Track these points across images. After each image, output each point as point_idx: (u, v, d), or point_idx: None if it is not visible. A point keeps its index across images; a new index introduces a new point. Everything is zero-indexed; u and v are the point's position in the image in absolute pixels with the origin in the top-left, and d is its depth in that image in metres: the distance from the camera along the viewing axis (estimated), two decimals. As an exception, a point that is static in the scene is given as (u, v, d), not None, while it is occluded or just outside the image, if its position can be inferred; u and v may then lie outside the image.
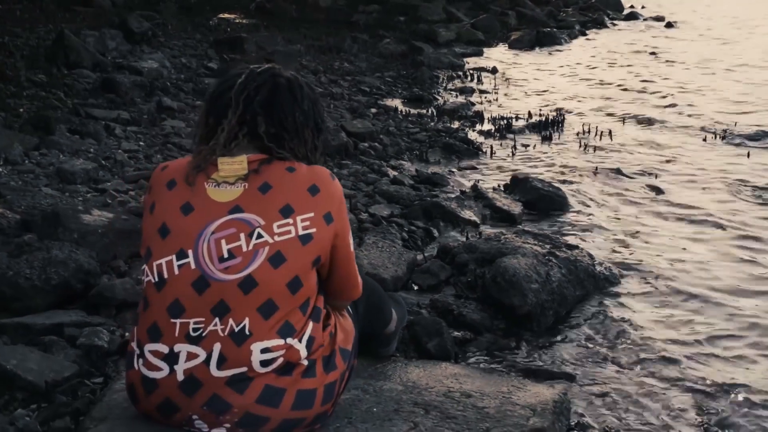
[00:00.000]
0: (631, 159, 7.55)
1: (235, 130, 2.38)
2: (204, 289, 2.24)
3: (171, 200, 2.34)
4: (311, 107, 2.49)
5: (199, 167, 2.36)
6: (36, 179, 5.46)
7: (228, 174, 2.32)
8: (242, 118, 2.38)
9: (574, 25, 17.83)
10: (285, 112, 2.41)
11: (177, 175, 2.39)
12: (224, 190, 2.31)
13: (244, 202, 2.29)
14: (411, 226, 5.42)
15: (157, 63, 9.84)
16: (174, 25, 13.51)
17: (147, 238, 2.37)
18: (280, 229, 2.27)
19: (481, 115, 9.29)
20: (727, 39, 15.45)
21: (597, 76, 12.04)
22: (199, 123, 2.52)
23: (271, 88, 2.42)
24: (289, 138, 2.43)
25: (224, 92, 2.44)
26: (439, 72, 12.18)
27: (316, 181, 2.35)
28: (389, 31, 15.47)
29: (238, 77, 2.44)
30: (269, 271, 2.24)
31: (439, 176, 6.75)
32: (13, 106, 7.45)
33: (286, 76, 2.48)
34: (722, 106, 9.81)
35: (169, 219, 2.31)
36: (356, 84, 10.62)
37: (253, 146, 2.39)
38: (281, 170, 2.34)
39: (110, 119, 7.31)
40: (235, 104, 2.38)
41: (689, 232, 5.64)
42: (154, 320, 2.29)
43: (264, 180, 2.31)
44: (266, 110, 2.39)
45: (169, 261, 2.28)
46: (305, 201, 2.31)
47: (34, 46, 10.26)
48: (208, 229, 2.28)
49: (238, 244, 2.25)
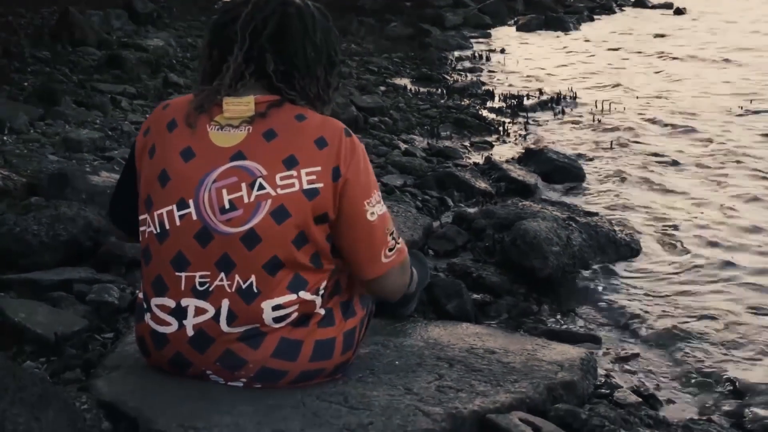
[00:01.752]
0: (646, 133, 7.44)
1: (242, 68, 2.19)
2: (207, 241, 2.11)
3: (171, 144, 2.18)
4: (323, 39, 2.28)
5: (202, 107, 2.19)
6: (41, 147, 5.35)
7: (233, 115, 2.16)
8: (249, 54, 2.18)
9: (583, 11, 17.71)
10: (296, 47, 2.22)
11: (178, 116, 2.22)
12: (227, 133, 2.16)
13: (247, 148, 2.13)
14: (425, 196, 5.31)
15: (162, 42, 9.74)
16: (179, 7, 13.39)
17: (146, 185, 2.21)
18: (282, 182, 2.11)
19: (492, 93, 9.17)
20: (738, 24, 15.30)
21: (607, 58, 11.92)
22: (203, 56, 2.34)
23: (279, 20, 2.21)
24: (299, 76, 2.23)
25: (229, 23, 2.23)
26: (447, 53, 12.06)
27: (325, 134, 2.17)
28: (396, 15, 15.37)
29: (244, 5, 2.24)
30: (272, 226, 2.10)
31: (452, 149, 6.63)
32: (17, 80, 7.35)
33: (296, 3, 2.26)
34: (736, 84, 9.67)
35: (169, 165, 2.17)
36: (364, 64, 10.50)
37: (261, 85, 2.21)
38: (290, 117, 2.17)
39: (116, 93, 7.21)
40: (241, 39, 2.19)
41: (709, 202, 5.52)
42: (159, 273, 2.17)
43: (270, 126, 2.15)
44: (275, 46, 2.20)
45: (170, 211, 2.15)
46: (311, 153, 2.14)
47: (38, 25, 10.16)
48: (209, 177, 2.13)
49: (240, 194, 2.11)
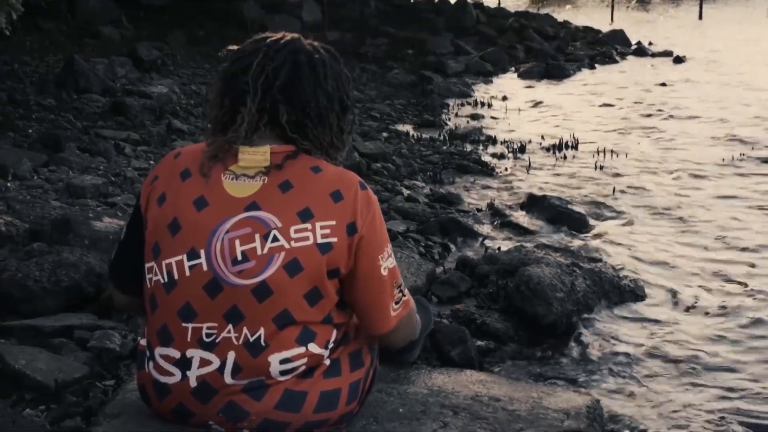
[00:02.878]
0: (649, 179, 7.43)
1: (256, 119, 2.17)
2: (217, 293, 2.08)
3: (184, 193, 2.15)
4: (335, 85, 2.25)
5: (216, 157, 2.17)
6: (45, 194, 5.37)
7: (249, 164, 2.13)
8: (262, 105, 2.16)
9: (583, 59, 17.82)
10: (307, 97, 2.19)
11: (192, 165, 2.19)
12: (242, 183, 2.13)
13: (262, 199, 2.11)
14: (428, 241, 5.30)
15: (166, 88, 9.81)
16: (182, 54, 13.50)
17: (154, 233, 2.17)
18: (297, 234, 2.08)
19: (494, 138, 9.21)
20: (738, 73, 15.40)
21: (608, 104, 11.97)
22: (213, 103, 2.30)
23: (291, 69, 2.19)
24: (312, 126, 2.21)
25: (240, 72, 2.21)
26: (449, 100, 12.13)
27: (341, 188, 2.14)
28: (398, 62, 15.49)
29: (255, 55, 2.21)
30: (284, 279, 2.07)
31: (454, 195, 6.64)
32: (22, 127, 7.40)
33: (306, 50, 2.25)
34: (738, 131, 9.70)
35: (181, 214, 2.13)
36: (366, 110, 10.56)
37: (275, 134, 2.19)
38: (305, 168, 2.15)
39: (120, 139, 7.25)
40: (253, 91, 2.16)
41: (712, 248, 5.51)
42: (164, 323, 2.14)
43: (286, 177, 2.13)
44: (287, 96, 2.18)
45: (180, 261, 2.11)
46: (326, 207, 2.12)
47: (44, 73, 10.25)
48: (222, 227, 2.10)
49: (253, 245, 2.08)
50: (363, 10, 19.84)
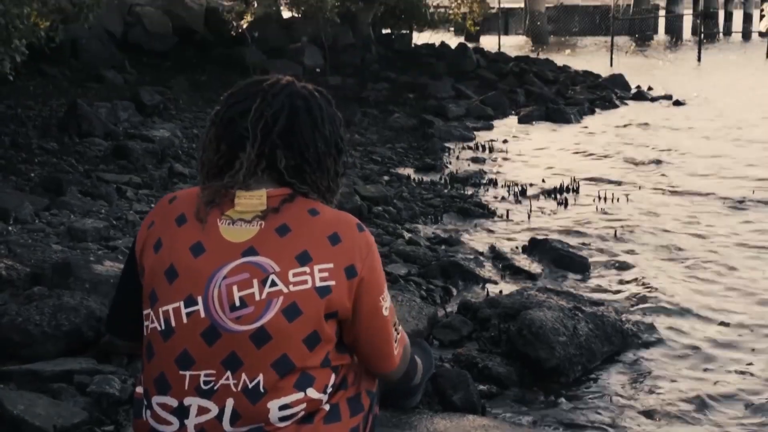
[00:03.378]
0: (650, 223, 7.43)
1: (254, 164, 2.16)
2: (214, 340, 2.05)
3: (180, 239, 2.13)
4: (332, 129, 2.25)
5: (212, 202, 2.16)
6: (46, 237, 5.37)
7: (245, 209, 2.12)
8: (261, 150, 2.15)
9: (583, 103, 17.88)
10: (306, 142, 2.19)
11: (187, 210, 2.18)
12: (239, 228, 2.11)
13: (259, 244, 2.09)
14: (429, 285, 5.29)
15: (168, 132, 9.85)
16: (185, 99, 13.59)
17: (151, 280, 2.15)
18: (295, 278, 2.06)
19: (495, 182, 9.22)
20: (738, 117, 15.48)
21: (609, 148, 12.01)
22: (208, 147, 2.27)
23: (289, 114, 2.18)
24: (310, 171, 2.20)
25: (237, 117, 2.20)
26: (450, 143, 12.16)
27: (339, 230, 2.12)
28: (399, 106, 15.55)
29: (253, 100, 2.20)
30: (283, 323, 2.04)
31: (456, 238, 6.63)
32: (24, 171, 7.42)
33: (303, 94, 2.24)
34: (738, 174, 9.73)
35: (177, 260, 2.11)
36: (368, 154, 10.60)
37: (272, 178, 2.17)
38: (303, 212, 2.14)
39: (122, 183, 7.27)
40: (253, 136, 2.14)
41: (715, 293, 5.50)
42: (162, 371, 2.11)
43: (283, 221, 2.11)
44: (286, 142, 2.16)
45: (177, 308, 2.08)
46: (324, 250, 2.09)
47: (47, 117, 10.30)
48: (219, 273, 2.08)
49: (251, 291, 2.05)
50: (364, 55, 19.98)
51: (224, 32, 19.53)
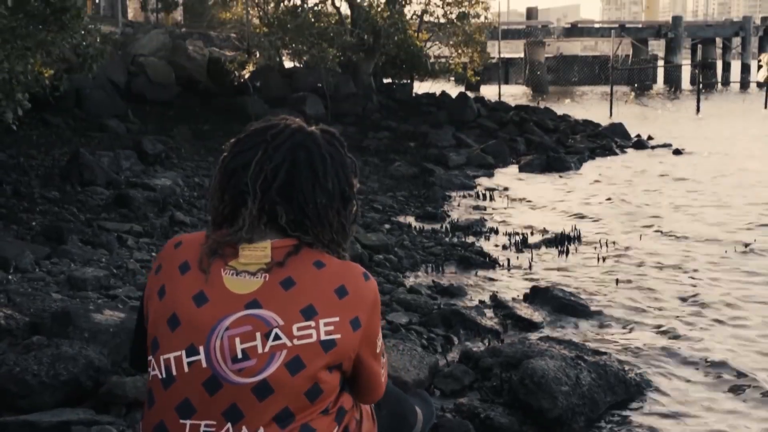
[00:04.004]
0: (652, 271, 7.40)
1: (256, 219, 2.14)
2: (216, 390, 2.03)
3: (183, 287, 2.12)
4: (336, 180, 2.20)
5: (216, 252, 2.15)
6: (46, 286, 5.35)
7: (250, 261, 2.10)
8: (261, 206, 2.14)
9: (584, 151, 17.95)
10: (305, 197, 2.15)
11: (191, 257, 2.16)
12: (243, 279, 2.09)
13: (263, 297, 2.07)
14: (430, 334, 5.26)
15: (170, 181, 9.88)
16: (187, 148, 13.66)
17: (154, 327, 2.14)
18: (300, 332, 2.04)
19: (496, 230, 9.22)
20: (737, 166, 15.54)
21: (609, 197, 12.02)
22: (213, 195, 2.28)
23: (289, 169, 2.15)
24: (311, 225, 2.16)
25: (239, 170, 2.18)
26: (451, 192, 12.19)
27: (346, 282, 2.11)
28: (400, 155, 15.63)
29: (255, 152, 2.18)
30: (286, 377, 2.02)
31: (457, 287, 6.61)
32: (25, 219, 7.43)
33: (306, 144, 2.20)
34: (740, 222, 9.72)
35: (180, 309, 2.09)
36: (369, 202, 10.61)
37: (276, 230, 2.16)
38: (308, 264, 2.11)
39: (123, 231, 7.27)
40: (253, 193, 2.13)
41: (719, 343, 5.45)
42: (161, 419, 2.08)
43: (288, 274, 2.09)
44: (285, 197, 2.14)
45: (178, 357, 2.07)
46: (331, 303, 2.07)
47: (49, 166, 10.34)
48: (222, 324, 2.06)
49: (254, 344, 2.03)
50: (365, 104, 20.12)
51: (226, 82, 19.72)
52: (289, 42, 19.94)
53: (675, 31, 51.39)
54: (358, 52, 20.74)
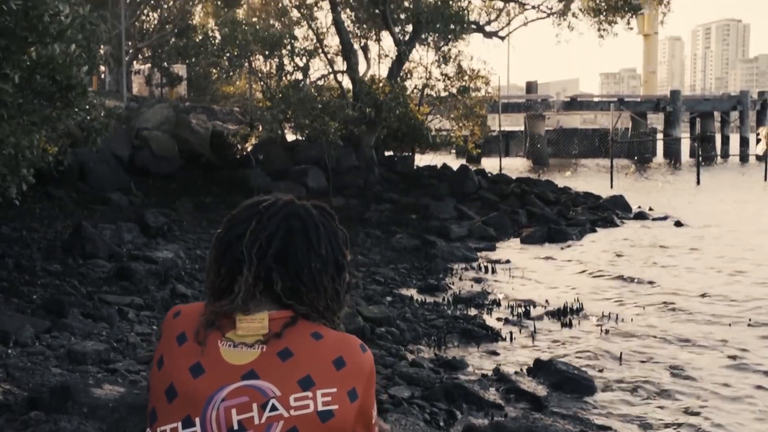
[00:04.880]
0: (655, 344, 7.36)
1: (252, 288, 2.20)
2: None
3: (180, 358, 2.13)
4: (329, 248, 2.22)
5: (213, 324, 2.18)
6: (46, 360, 5.32)
7: (247, 332, 2.12)
8: (257, 273, 2.20)
9: (585, 223, 18.00)
10: (300, 263, 2.14)
11: (189, 328, 2.17)
12: (240, 351, 2.10)
13: (261, 368, 2.05)
14: (433, 408, 5.20)
15: (172, 253, 9.88)
16: (189, 220, 13.70)
17: (153, 398, 2.14)
18: (297, 403, 2.02)
19: (498, 302, 9.19)
20: (740, 238, 15.57)
21: (610, 269, 12.02)
22: (209, 270, 2.32)
23: (284, 236, 2.15)
24: (306, 291, 2.20)
25: (234, 240, 2.26)
26: (452, 264, 12.18)
27: (344, 353, 2.09)
28: (402, 227, 15.66)
29: (248, 223, 2.23)
30: None
31: (459, 360, 6.56)
32: (26, 293, 7.42)
33: (299, 214, 2.19)
34: (742, 296, 9.69)
35: (177, 380, 2.10)
36: (371, 275, 10.60)
37: (272, 300, 2.21)
38: (305, 335, 2.13)
39: (124, 304, 7.25)
40: (248, 260, 2.15)
41: (723, 412, 5.39)
42: None
43: (285, 345, 2.09)
44: (280, 264, 2.18)
45: (175, 428, 2.05)
46: (329, 374, 2.05)
47: (52, 239, 10.36)
48: (218, 394, 2.06)
49: (250, 415, 2.02)
50: (367, 177, 20.26)
51: (229, 155, 19.88)
52: (291, 115, 20.15)
53: (673, 104, 51.93)
54: (360, 126, 20.95)
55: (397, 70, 22.16)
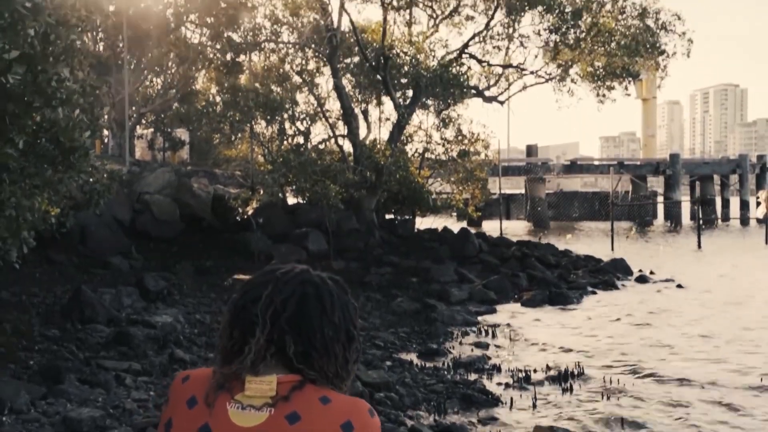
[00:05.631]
0: (658, 410, 7.28)
1: (263, 350, 2.21)
2: None
3: (189, 421, 2.14)
4: (342, 317, 2.29)
5: (222, 387, 2.19)
6: (41, 428, 5.27)
7: (255, 394, 2.13)
8: (269, 336, 2.22)
9: (585, 286, 17.99)
10: (313, 329, 2.19)
11: (198, 392, 2.20)
12: (248, 413, 2.11)
13: (269, 430, 2.12)
14: (432, 476, 5.12)
15: (171, 318, 9.85)
16: (189, 284, 13.68)
17: None
18: None
19: (498, 367, 9.12)
20: (742, 303, 15.52)
21: (612, 332, 11.97)
22: (222, 334, 2.33)
23: (299, 301, 2.19)
24: (317, 356, 2.23)
25: (249, 304, 2.30)
26: (453, 328, 12.12)
27: (352, 418, 2.10)
28: (402, 290, 15.63)
29: (265, 287, 2.31)
30: None
31: (459, 426, 6.49)
32: (23, 358, 7.37)
33: (314, 281, 2.27)
34: (745, 362, 9.62)
35: None
36: (370, 339, 10.54)
37: (282, 364, 2.22)
38: (314, 399, 2.15)
39: (121, 370, 7.20)
40: (262, 323, 2.19)
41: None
42: None
43: (293, 409, 2.10)
44: (294, 328, 2.22)
45: None
46: None
47: (51, 303, 10.34)
48: None
49: None
50: (368, 240, 20.28)
51: (230, 218, 19.94)
52: (292, 179, 20.28)
53: (673, 168, 52.20)
54: (361, 189, 21.06)
55: (397, 134, 22.36)
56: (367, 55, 21.75)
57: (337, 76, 21.51)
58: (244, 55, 22.24)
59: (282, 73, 23.43)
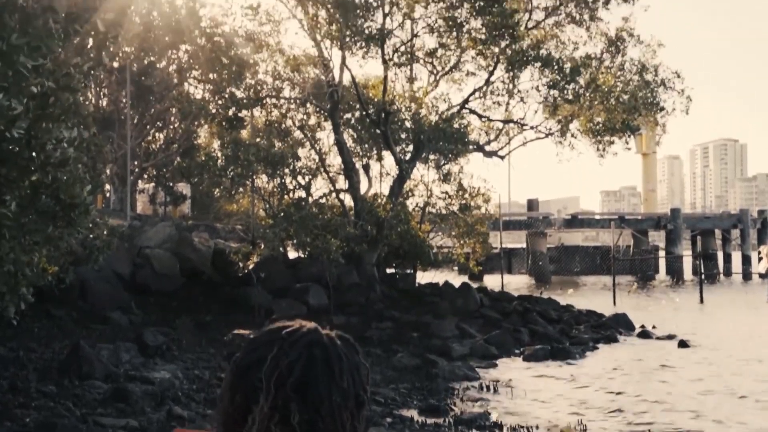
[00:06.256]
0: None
1: (266, 421, 2.16)
2: None
3: None
4: (351, 381, 2.21)
5: None
6: (35, 486, 5.18)
7: None
8: (274, 402, 2.17)
9: (588, 342, 17.89)
10: (321, 396, 2.14)
11: None
12: None
13: None
14: None
15: (169, 374, 9.78)
16: (188, 339, 13.60)
17: None
18: None
19: (501, 425, 9.02)
20: (746, 359, 15.41)
21: (614, 388, 11.86)
22: (224, 396, 2.27)
23: (305, 365, 2.13)
24: (324, 426, 2.17)
25: (253, 366, 2.23)
26: (454, 383, 12.01)
27: None
28: (403, 345, 15.52)
29: (270, 348, 2.24)
30: None
31: (460, 486, 6.38)
32: (20, 416, 7.29)
33: (323, 343, 2.21)
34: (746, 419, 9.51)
35: None
36: (371, 395, 10.42)
37: None
38: None
39: (118, 427, 7.12)
40: (266, 389, 2.13)
41: None
42: None
43: None
44: (300, 394, 2.16)
45: None
46: None
47: (48, 359, 10.27)
48: None
49: None
50: (368, 294, 20.22)
51: (231, 273, 19.88)
52: (293, 233, 20.29)
53: (674, 222, 52.27)
54: (362, 243, 21.04)
55: (398, 189, 22.41)
56: (368, 110, 21.92)
57: (338, 131, 21.65)
58: (246, 111, 22.41)
59: (283, 128, 23.59)
